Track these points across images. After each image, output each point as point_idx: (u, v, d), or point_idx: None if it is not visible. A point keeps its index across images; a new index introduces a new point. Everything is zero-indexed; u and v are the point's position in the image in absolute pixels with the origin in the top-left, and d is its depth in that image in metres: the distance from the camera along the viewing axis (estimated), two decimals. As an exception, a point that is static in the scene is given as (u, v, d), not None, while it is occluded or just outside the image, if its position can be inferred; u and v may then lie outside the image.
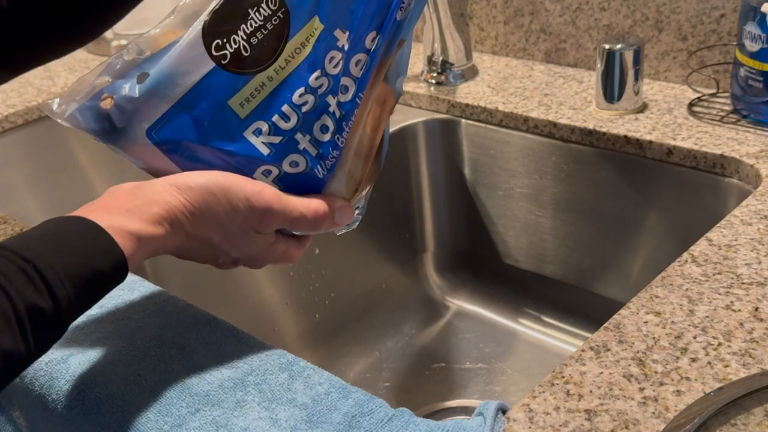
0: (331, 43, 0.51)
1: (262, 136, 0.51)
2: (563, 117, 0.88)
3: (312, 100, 0.51)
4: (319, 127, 0.52)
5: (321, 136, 0.52)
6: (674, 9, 0.89)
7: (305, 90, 0.51)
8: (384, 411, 0.48)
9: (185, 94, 0.49)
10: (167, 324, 0.58)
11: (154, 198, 0.48)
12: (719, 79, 0.88)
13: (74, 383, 0.53)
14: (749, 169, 0.74)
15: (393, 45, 0.53)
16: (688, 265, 0.60)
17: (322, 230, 0.54)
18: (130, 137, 0.50)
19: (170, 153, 0.51)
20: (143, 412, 0.50)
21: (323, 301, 0.99)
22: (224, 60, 0.49)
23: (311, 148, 0.52)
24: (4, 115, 1.05)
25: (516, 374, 0.93)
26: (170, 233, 0.48)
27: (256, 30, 0.49)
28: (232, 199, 0.50)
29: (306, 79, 0.51)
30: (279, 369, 0.52)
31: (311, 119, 0.52)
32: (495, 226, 1.01)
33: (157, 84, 0.49)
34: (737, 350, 0.50)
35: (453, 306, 1.06)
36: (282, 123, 0.51)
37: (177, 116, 0.50)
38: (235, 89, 0.50)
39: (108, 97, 0.49)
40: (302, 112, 0.51)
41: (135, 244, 0.46)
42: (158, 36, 0.50)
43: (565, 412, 0.47)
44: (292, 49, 0.50)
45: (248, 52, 0.49)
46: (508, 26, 1.05)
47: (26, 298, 0.40)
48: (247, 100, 0.50)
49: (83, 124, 0.50)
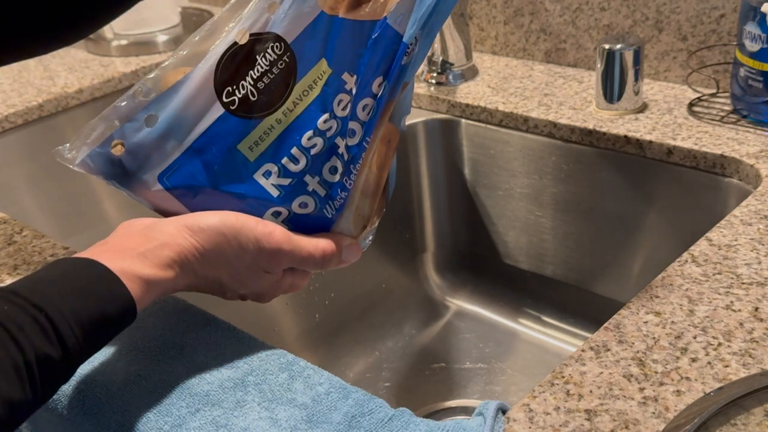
0: (339, 86, 0.51)
1: (271, 178, 0.51)
2: (563, 117, 0.88)
3: (321, 142, 0.52)
4: (328, 168, 0.53)
5: (330, 177, 0.53)
6: (674, 9, 0.89)
7: (314, 133, 0.51)
8: (384, 411, 0.48)
9: (196, 140, 0.50)
10: (167, 324, 0.58)
11: (166, 241, 0.48)
12: (719, 79, 0.88)
13: (74, 383, 0.53)
14: (749, 169, 0.74)
15: (398, 88, 0.53)
16: (688, 265, 0.60)
17: (329, 268, 0.55)
18: (143, 182, 0.51)
19: (181, 197, 0.51)
20: (143, 412, 0.50)
21: (323, 301, 0.99)
22: (233, 106, 0.50)
23: (320, 189, 0.53)
24: (4, 115, 1.05)
25: (516, 374, 0.93)
26: (179, 275, 0.49)
27: (262, 75, 0.50)
28: (242, 241, 0.50)
29: (315, 122, 0.51)
30: (279, 369, 0.52)
31: (320, 161, 0.52)
32: (495, 226, 1.01)
33: (167, 129, 0.50)
34: (737, 350, 0.50)
35: (453, 306, 1.06)
36: (291, 165, 0.51)
37: (188, 162, 0.50)
38: (244, 133, 0.50)
39: (119, 143, 0.50)
40: (311, 154, 0.52)
41: (145, 288, 0.47)
42: (164, 75, 0.50)
43: (565, 412, 0.47)
44: (300, 91, 0.51)
45: (256, 97, 0.50)
46: (508, 26, 1.05)
47: (37, 348, 0.41)
48: (256, 143, 0.51)
49: (95, 169, 0.51)
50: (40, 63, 1.24)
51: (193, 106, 0.50)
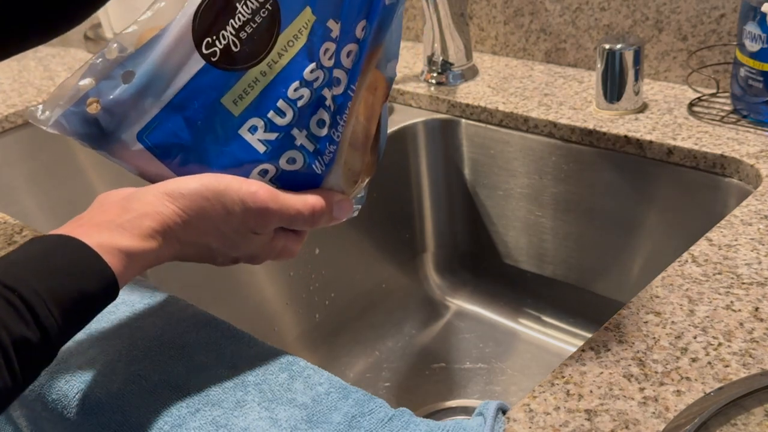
0: (325, 35, 0.49)
1: (257, 133, 0.49)
2: (563, 117, 0.88)
3: (308, 93, 0.49)
4: (315, 121, 0.51)
5: (318, 131, 0.51)
6: (674, 9, 0.89)
7: (300, 83, 0.49)
8: (384, 411, 0.48)
9: (176, 95, 0.48)
10: (167, 324, 0.58)
11: (146, 210, 0.46)
12: (719, 79, 0.88)
13: (74, 383, 0.53)
14: (749, 169, 0.74)
15: (384, 30, 0.51)
16: (688, 265, 0.60)
17: (320, 226, 0.53)
18: (121, 142, 0.48)
19: (163, 157, 0.49)
20: (143, 412, 0.50)
21: (323, 301, 0.99)
22: (214, 57, 0.47)
23: (308, 144, 0.51)
24: (4, 115, 1.05)
25: (516, 374, 0.93)
26: (163, 245, 0.47)
27: (245, 24, 0.47)
28: (227, 203, 0.48)
29: (301, 72, 0.49)
30: (279, 369, 0.52)
31: (307, 114, 0.50)
32: (495, 226, 1.01)
33: (145, 85, 0.47)
34: (737, 350, 0.50)
35: (453, 306, 1.06)
36: (278, 119, 0.49)
37: (169, 118, 0.48)
38: (227, 86, 0.48)
39: (94, 101, 0.47)
40: (298, 106, 0.49)
41: (126, 261, 0.44)
42: (140, 32, 0.48)
43: (565, 412, 0.47)
44: (285, 41, 0.48)
45: (238, 48, 0.47)
46: (508, 26, 1.05)
47: (12, 331, 0.39)
48: (240, 96, 0.48)
49: (70, 130, 0.48)
50: (40, 63, 1.24)
51: (172, 59, 0.47)
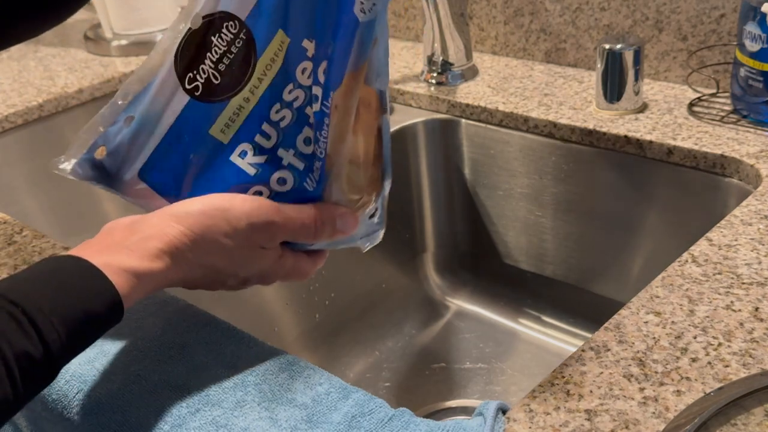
0: (300, 54, 0.50)
1: (247, 157, 0.51)
2: (563, 117, 0.88)
3: (289, 114, 0.51)
4: (302, 140, 0.52)
5: (305, 148, 0.52)
6: (674, 9, 0.89)
7: (280, 105, 0.51)
8: (384, 411, 0.48)
9: (167, 132, 0.50)
10: (167, 324, 0.58)
11: (152, 232, 0.47)
12: (719, 79, 0.88)
13: (74, 383, 0.53)
14: (749, 169, 0.74)
15: (365, 47, 0.52)
16: (688, 265, 0.60)
17: (324, 237, 0.54)
18: (126, 181, 0.51)
19: (164, 192, 0.52)
20: (143, 412, 0.50)
21: (323, 301, 0.99)
22: (197, 92, 0.49)
23: (297, 162, 0.52)
24: (4, 115, 1.05)
25: (516, 374, 0.93)
26: (171, 266, 0.47)
27: (222, 56, 0.49)
28: (231, 219, 0.49)
29: (280, 94, 0.51)
30: (279, 369, 0.52)
31: (292, 133, 0.52)
32: (495, 226, 1.01)
33: (141, 126, 0.50)
34: (737, 350, 0.50)
35: (453, 306, 1.06)
36: (264, 141, 0.51)
37: (164, 155, 0.51)
38: (213, 117, 0.50)
39: (102, 146, 0.51)
40: (281, 127, 0.51)
41: (132, 282, 0.45)
42: (141, 76, 0.50)
43: (565, 412, 0.47)
44: (263, 66, 0.50)
45: (219, 80, 0.49)
46: (508, 26, 1.05)
47: (14, 345, 0.39)
48: (227, 125, 0.50)
49: (83, 175, 0.52)
50: (41, 63, 1.24)
51: (161, 98, 0.49)
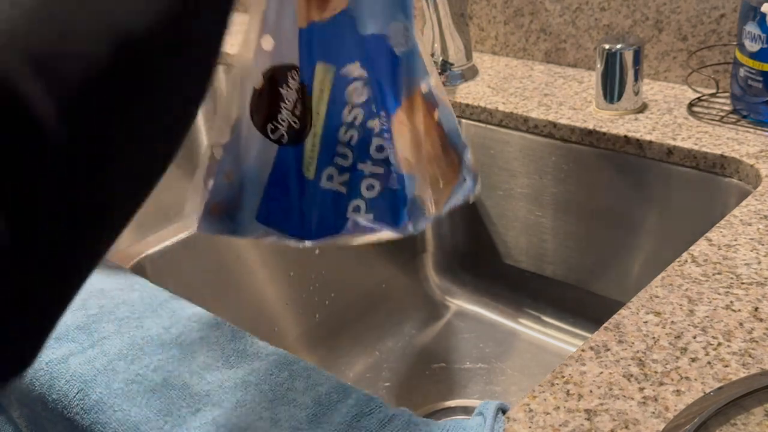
0: (345, 78, 0.54)
1: (334, 180, 0.55)
2: (563, 117, 0.88)
3: (355, 132, 0.55)
4: (374, 148, 0.55)
5: (379, 155, 0.56)
6: (674, 9, 0.89)
7: (345, 127, 0.55)
8: (384, 411, 0.48)
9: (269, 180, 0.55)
10: (167, 324, 0.58)
11: None
12: (719, 79, 0.88)
13: (74, 383, 0.53)
14: (749, 169, 0.74)
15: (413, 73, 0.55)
16: (688, 265, 0.60)
17: None
18: (247, 228, 0.56)
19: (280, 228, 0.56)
20: (143, 412, 0.50)
21: (323, 301, 0.99)
22: (284, 140, 0.54)
23: (378, 169, 0.56)
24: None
25: (516, 374, 0.93)
26: None
27: (295, 102, 0.54)
28: None
29: (340, 118, 0.55)
30: (279, 369, 0.52)
31: (363, 146, 0.55)
32: (495, 226, 1.01)
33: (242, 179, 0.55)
34: (737, 350, 0.50)
35: (453, 306, 1.06)
36: (342, 161, 0.55)
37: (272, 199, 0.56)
38: (300, 158, 0.55)
39: (215, 204, 0.55)
40: (352, 145, 0.55)
41: None
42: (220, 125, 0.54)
43: (565, 412, 0.47)
44: (316, 99, 0.54)
45: (298, 125, 0.54)
46: (508, 26, 1.05)
47: None
48: (308, 163, 0.55)
49: (213, 230, 0.56)
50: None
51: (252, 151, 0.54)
